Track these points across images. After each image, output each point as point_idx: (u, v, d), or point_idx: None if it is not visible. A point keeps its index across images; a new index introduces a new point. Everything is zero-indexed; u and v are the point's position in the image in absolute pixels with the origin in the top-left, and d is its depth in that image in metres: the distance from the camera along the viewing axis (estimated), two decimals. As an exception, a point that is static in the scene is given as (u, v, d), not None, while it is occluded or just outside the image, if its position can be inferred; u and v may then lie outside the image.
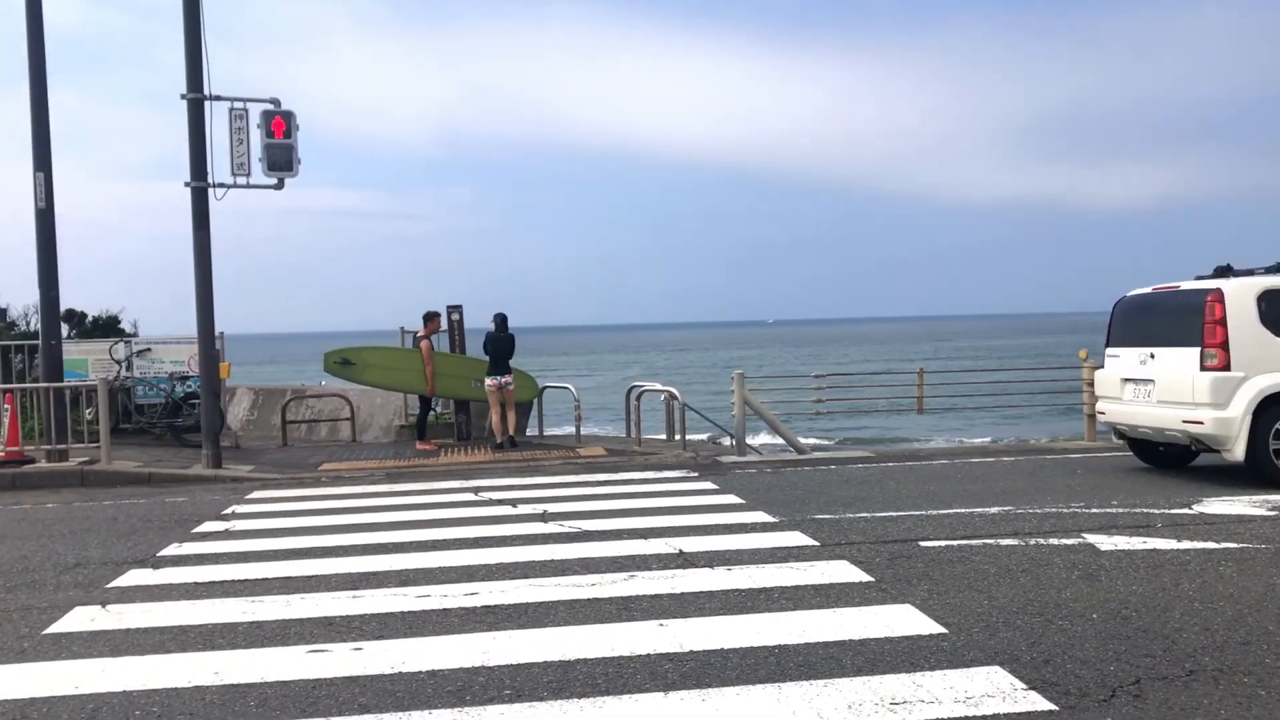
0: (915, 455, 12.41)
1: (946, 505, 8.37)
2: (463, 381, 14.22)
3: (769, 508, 8.42)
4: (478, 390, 14.06)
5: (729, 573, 6.09)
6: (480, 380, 13.84)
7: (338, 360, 14.09)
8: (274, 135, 12.06)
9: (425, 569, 6.41)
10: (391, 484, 10.68)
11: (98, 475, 11.41)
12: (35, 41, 12.07)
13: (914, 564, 6.25)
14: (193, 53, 11.89)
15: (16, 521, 8.84)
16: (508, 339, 13.56)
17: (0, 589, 6.20)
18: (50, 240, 12.21)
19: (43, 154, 12.15)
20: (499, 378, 13.39)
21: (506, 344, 13.53)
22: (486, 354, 13.60)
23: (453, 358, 14.40)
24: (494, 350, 13.47)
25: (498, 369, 13.42)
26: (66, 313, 15.78)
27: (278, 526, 8.22)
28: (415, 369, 13.86)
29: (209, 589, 6.07)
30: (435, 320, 14.14)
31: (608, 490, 9.74)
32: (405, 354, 14.21)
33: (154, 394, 14.76)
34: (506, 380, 13.43)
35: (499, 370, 13.42)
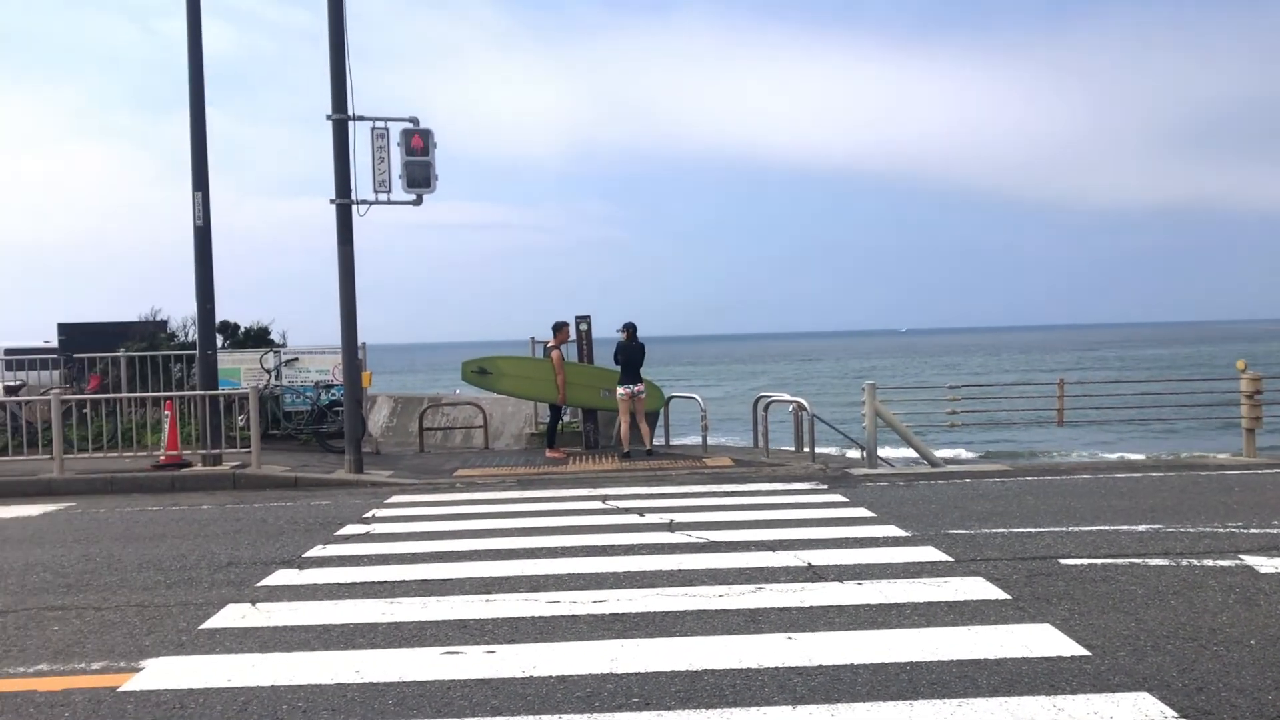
0: (1055, 469, 11.95)
1: (1089, 522, 8.04)
2: (591, 391, 14.41)
3: (901, 522, 8.25)
4: (606, 400, 14.23)
5: (859, 587, 5.99)
6: (609, 390, 14.00)
7: (475, 369, 14.47)
8: (413, 153, 12.47)
9: (555, 575, 6.52)
10: (522, 490, 10.89)
11: (249, 479, 12.00)
12: (195, 70, 12.79)
13: (1054, 582, 6.02)
14: (337, 75, 12.43)
15: (175, 521, 9.37)
16: (638, 348, 13.69)
17: (161, 585, 6.59)
18: (207, 256, 12.90)
19: (200, 174, 12.85)
20: (630, 386, 13.52)
21: (637, 353, 13.66)
22: (617, 363, 13.76)
23: (582, 367, 14.61)
24: (625, 359, 13.62)
25: (629, 378, 13.56)
26: (221, 324, 16.67)
27: (415, 530, 8.48)
28: (547, 378, 14.12)
29: (350, 589, 6.31)
30: (565, 330, 14.37)
31: (735, 501, 9.71)
32: (537, 363, 14.49)
33: (301, 401, 15.44)
34: (638, 389, 13.55)
35: (630, 379, 13.55)
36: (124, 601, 6.13)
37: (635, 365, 13.63)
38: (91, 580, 6.78)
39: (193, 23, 12.68)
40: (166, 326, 17.71)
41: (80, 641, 5.29)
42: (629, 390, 13.51)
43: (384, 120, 12.55)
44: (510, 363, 14.61)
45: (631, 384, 13.53)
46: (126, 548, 7.98)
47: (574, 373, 14.34)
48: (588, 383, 14.42)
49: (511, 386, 14.63)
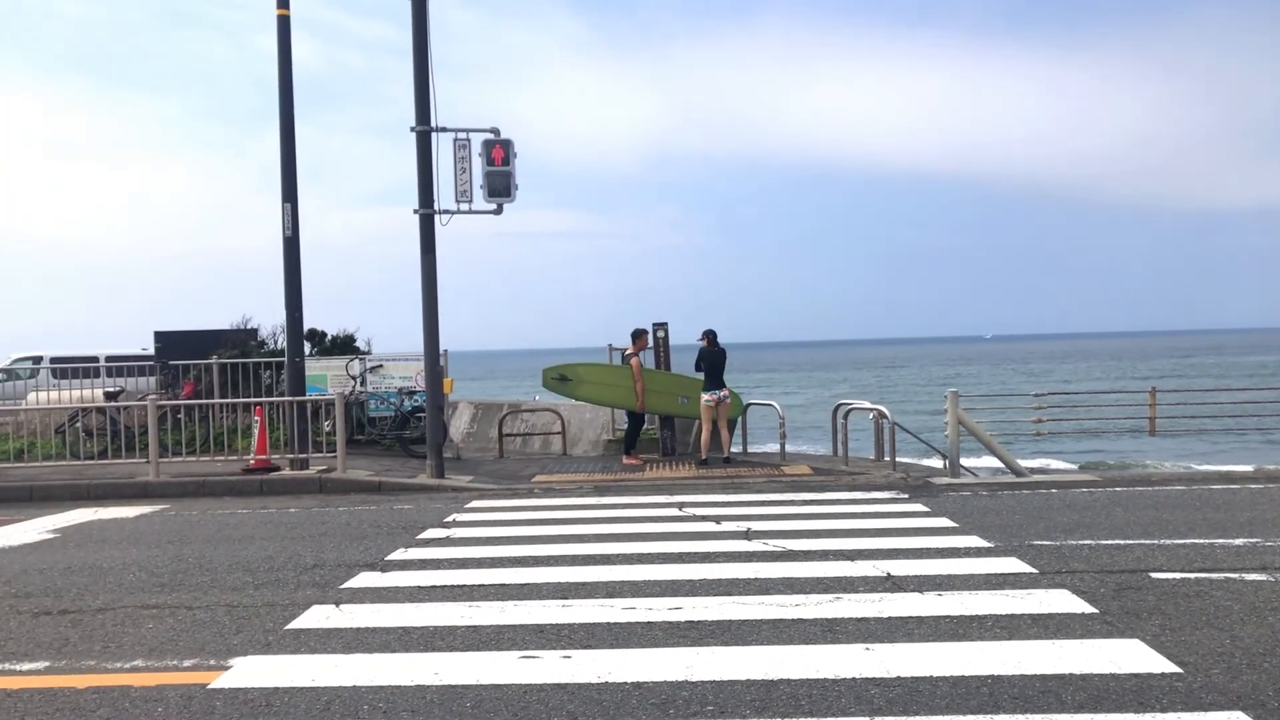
0: (1146, 479, 11.58)
1: (1182, 535, 7.77)
2: (670, 398, 14.42)
3: (983, 532, 8.08)
4: (684, 407, 14.23)
5: (939, 598, 5.89)
6: (687, 397, 14.01)
7: (555, 376, 14.60)
8: (494, 163, 12.65)
9: (631, 581, 6.54)
10: (599, 496, 10.95)
11: (334, 483, 12.28)
12: (285, 86, 13.16)
13: (1144, 596, 5.84)
14: (421, 89, 12.68)
15: (264, 524, 9.64)
16: (720, 354, 13.68)
17: (250, 586, 6.78)
18: (295, 266, 13.25)
19: (289, 187, 13.21)
20: (715, 392, 13.51)
21: (719, 359, 13.66)
22: (699, 370, 13.77)
23: (661, 374, 14.62)
24: (708, 366, 13.62)
25: (713, 384, 13.55)
26: (309, 332, 17.11)
27: (494, 535, 8.59)
28: (626, 385, 14.17)
29: (430, 593, 6.41)
30: (644, 338, 14.41)
31: (813, 510, 9.62)
32: (617, 370, 14.55)
33: (385, 408, 15.76)
34: (723, 395, 13.54)
35: (714, 385, 13.54)
36: (214, 601, 6.33)
37: (718, 371, 13.62)
38: (184, 580, 7.01)
39: (283, 42, 13.05)
40: (257, 334, 18.23)
41: (173, 639, 5.47)
42: (714, 396, 13.50)
43: (466, 131, 12.75)
44: (590, 370, 14.69)
45: (716, 390, 13.52)
46: (217, 549, 8.24)
47: (652, 380, 14.37)
48: (666, 389, 14.44)
49: (591, 393, 14.71)
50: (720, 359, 13.66)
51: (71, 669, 5.00)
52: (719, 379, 13.61)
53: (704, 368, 13.67)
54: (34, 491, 12.09)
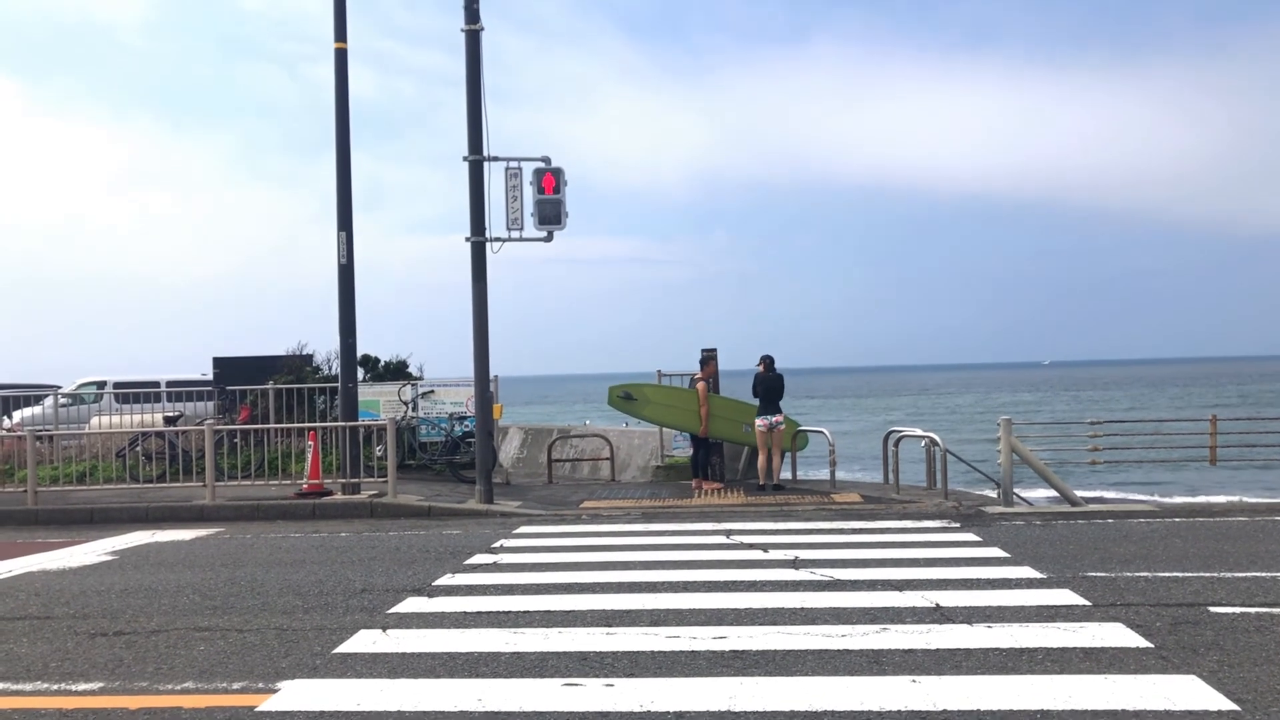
0: (1206, 510, 11.29)
1: (1243, 568, 7.56)
2: (733, 425, 14.37)
3: (1036, 563, 7.94)
4: (748, 435, 14.18)
5: (989, 630, 5.79)
6: (750, 425, 13.96)
7: (620, 394, 14.70)
8: (544, 191, 12.79)
9: (676, 610, 6.51)
10: (647, 523, 10.93)
11: (385, 507, 12.41)
12: (341, 116, 13.43)
13: (1201, 631, 5.69)
14: (473, 119, 12.86)
15: (315, 548, 9.77)
16: (776, 379, 13.66)
17: (300, 609, 6.87)
18: (350, 293, 13.46)
19: (345, 215, 13.44)
20: (768, 418, 13.49)
21: (776, 384, 13.63)
22: (755, 396, 13.75)
23: (726, 400, 14.56)
24: (764, 390, 13.61)
25: (767, 409, 13.53)
26: (362, 358, 17.33)
27: (540, 561, 8.61)
28: (690, 408, 14.23)
29: (476, 618, 6.45)
30: (712, 363, 14.46)
31: (862, 539, 9.51)
32: (683, 393, 14.59)
33: (435, 433, 15.92)
34: (776, 420, 13.50)
35: (768, 411, 13.52)
36: (264, 624, 6.42)
37: (774, 397, 13.59)
38: (236, 603, 7.13)
39: (340, 74, 13.33)
40: (312, 360, 18.50)
41: (223, 661, 5.56)
42: (766, 422, 13.48)
43: (517, 160, 12.91)
44: (656, 390, 14.77)
45: (769, 415, 13.49)
46: (269, 572, 8.36)
47: (718, 405, 14.36)
48: (731, 416, 14.39)
49: (655, 414, 14.77)
50: (776, 384, 13.63)
51: (125, 690, 5.10)
52: (774, 404, 13.57)
53: (759, 393, 13.65)
54: (94, 514, 12.38)
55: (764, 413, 13.53)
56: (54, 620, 6.72)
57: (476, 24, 12.82)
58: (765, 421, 13.48)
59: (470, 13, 12.79)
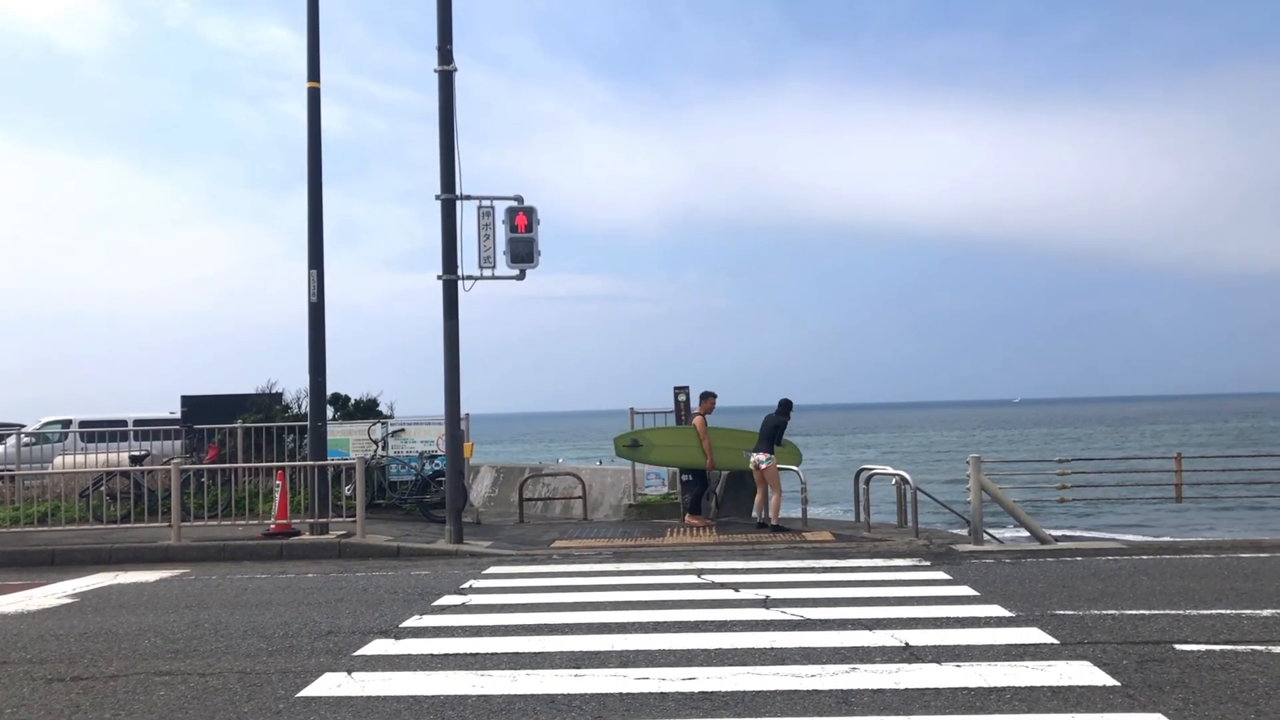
0: (1173, 548, 11.38)
1: (1208, 605, 7.62)
2: (734, 454, 14.42)
3: (1005, 601, 7.96)
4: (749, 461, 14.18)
5: (958, 669, 5.79)
6: (749, 450, 14.04)
7: (626, 443, 14.83)
8: (517, 230, 12.83)
9: (645, 651, 6.47)
10: (618, 563, 10.88)
11: (353, 548, 12.28)
12: (313, 154, 13.42)
13: (1167, 669, 5.71)
14: (446, 158, 12.90)
15: (281, 589, 9.64)
16: (774, 419, 13.74)
17: (264, 652, 6.76)
18: (320, 331, 13.39)
19: (316, 253, 13.40)
20: (754, 454, 13.52)
21: (770, 424, 13.71)
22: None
23: (725, 430, 14.62)
24: (762, 429, 13.72)
25: (757, 447, 13.60)
26: (332, 396, 17.21)
27: (510, 602, 8.53)
28: (695, 445, 14.36)
29: (443, 661, 6.37)
30: (711, 399, 14.59)
31: (833, 577, 9.51)
32: (685, 432, 14.69)
33: (406, 472, 15.79)
34: (758, 459, 13.48)
35: (757, 448, 13.57)
36: (227, 668, 6.31)
37: (766, 435, 13.65)
38: (199, 646, 7.01)
39: (312, 113, 13.34)
40: (281, 398, 18.34)
41: (183, 707, 5.45)
42: (753, 459, 13.53)
43: (490, 199, 12.95)
44: (659, 434, 14.85)
45: (755, 452, 13.53)
46: (233, 614, 8.24)
47: (718, 436, 14.44)
48: (732, 445, 14.46)
49: (663, 457, 14.87)
50: (771, 424, 13.68)
51: (81, 736, 4.99)
52: (765, 443, 13.57)
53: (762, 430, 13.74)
54: (56, 555, 12.16)
55: (754, 449, 13.62)
56: (10, 665, 6.57)
57: (449, 65, 12.90)
58: (752, 459, 13.54)
59: (443, 54, 12.88)
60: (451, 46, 12.93)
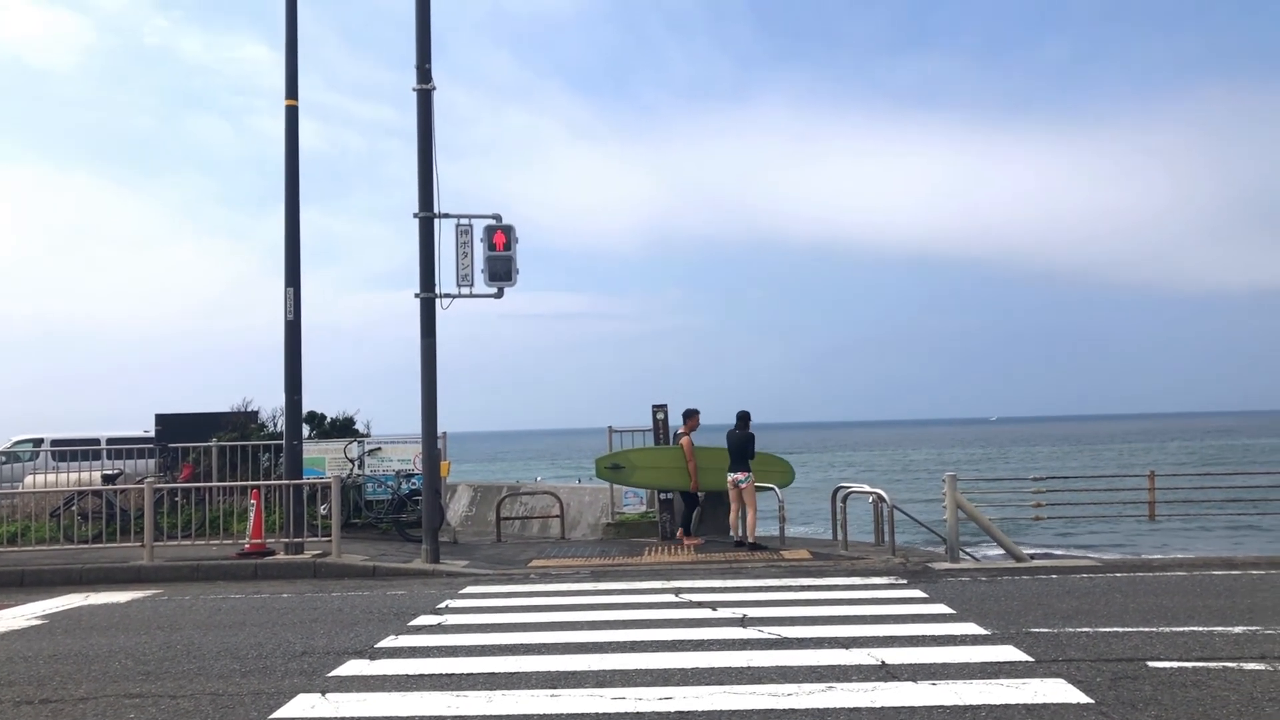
0: (1147, 565, 11.47)
1: (1181, 622, 7.68)
2: (719, 474, 14.30)
3: (981, 619, 7.99)
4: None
5: (933, 687, 5.81)
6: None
7: (608, 465, 14.70)
8: (495, 248, 12.82)
9: (622, 670, 6.45)
10: (596, 582, 10.85)
11: (329, 567, 12.18)
12: (291, 172, 13.41)
13: (1140, 686, 5.75)
14: (424, 176, 12.90)
15: (256, 609, 9.55)
16: (744, 436, 13.58)
17: (237, 673, 6.70)
18: (296, 349, 13.34)
19: (293, 271, 13.37)
20: (731, 474, 13.49)
21: (738, 441, 13.56)
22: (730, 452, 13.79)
23: (712, 451, 14.52)
24: (732, 448, 13.64)
25: (733, 466, 13.53)
26: (308, 415, 17.12)
27: (486, 622, 8.49)
28: (679, 466, 14.27)
29: (418, 681, 6.33)
30: (695, 417, 14.53)
31: (811, 596, 9.52)
32: (668, 453, 14.59)
33: (382, 491, 15.71)
34: (738, 478, 13.45)
35: (734, 468, 13.52)
36: (199, 690, 6.25)
37: (740, 454, 13.53)
38: (170, 667, 6.93)
39: (290, 131, 13.35)
40: (257, 417, 18.22)
41: (154, 729, 5.39)
42: (732, 479, 13.48)
43: (468, 217, 12.94)
44: (642, 455, 14.75)
45: (734, 472, 13.48)
46: (206, 635, 8.15)
47: (704, 457, 14.36)
48: (719, 466, 14.31)
49: (646, 479, 14.74)
50: (742, 442, 13.56)
51: (49, 760, 4.92)
52: (741, 462, 13.50)
53: (729, 449, 13.66)
54: (25, 576, 12.00)
55: (730, 469, 13.54)
56: (-22, 688, 6.48)
57: (428, 84, 12.92)
58: (730, 478, 13.48)
59: (422, 73, 12.90)
60: (430, 65, 12.96)
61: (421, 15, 12.94)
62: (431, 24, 13.01)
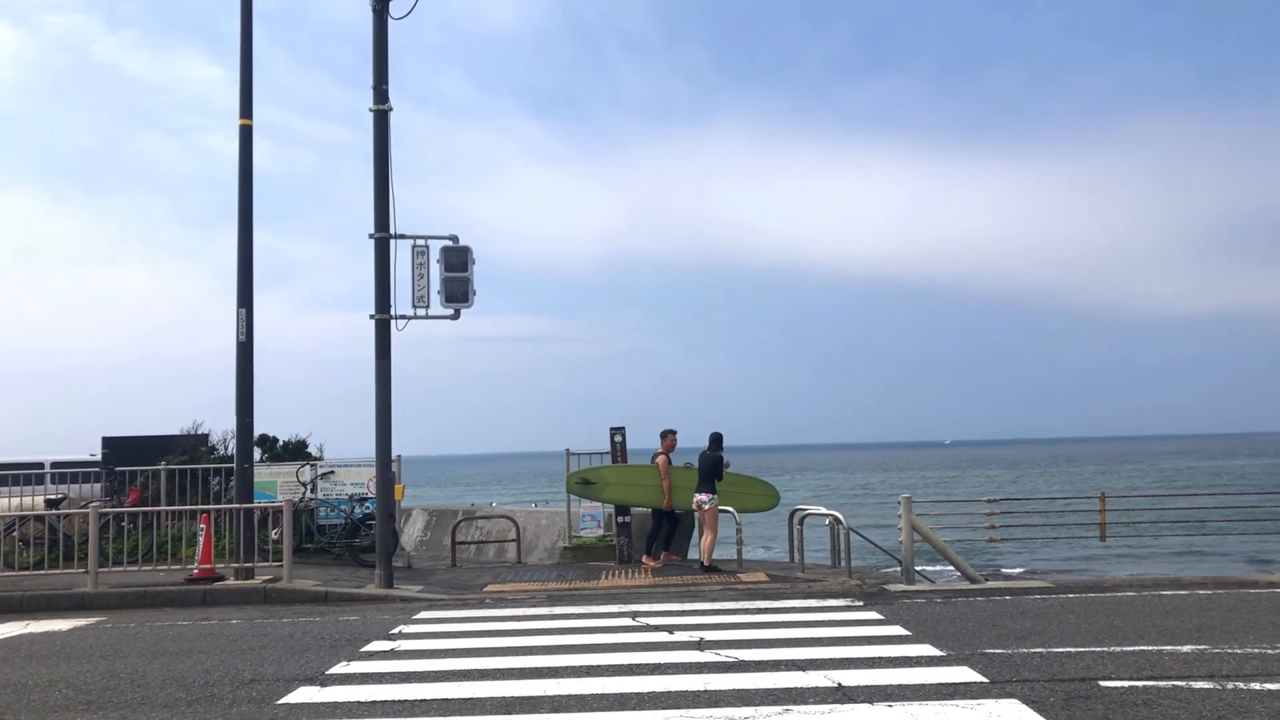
0: (1098, 586, 11.60)
1: (1132, 641, 7.76)
2: (691, 494, 14.26)
3: (937, 640, 8.02)
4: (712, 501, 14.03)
5: (889, 709, 5.81)
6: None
7: (578, 480, 14.66)
8: (452, 269, 12.73)
9: (578, 695, 6.39)
10: (552, 606, 10.76)
11: (280, 593, 11.97)
12: (245, 192, 13.24)
13: (1093, 706, 5.80)
14: (380, 196, 12.80)
15: (203, 636, 9.34)
16: (713, 458, 13.57)
17: (182, 702, 6.54)
18: (248, 371, 13.13)
19: (245, 292, 13.18)
20: (696, 495, 13.45)
21: (706, 462, 13.57)
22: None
23: (687, 471, 14.46)
24: (700, 468, 13.63)
25: (699, 487, 13.50)
26: (260, 438, 16.85)
27: (441, 647, 8.38)
28: (651, 484, 14.26)
29: (370, 708, 6.22)
30: (671, 437, 14.51)
31: (768, 619, 9.51)
32: (642, 470, 14.54)
33: (335, 515, 15.48)
34: (701, 499, 13.41)
35: (700, 488, 13.48)
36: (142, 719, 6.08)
37: (707, 476, 13.53)
38: (113, 697, 6.75)
39: (244, 151, 13.17)
40: (207, 440, 17.91)
41: (95, 760, 5.24)
42: (695, 500, 13.46)
43: (424, 238, 12.86)
44: (614, 471, 14.69)
45: (697, 493, 13.45)
46: (152, 663, 7.96)
47: (679, 477, 14.32)
48: (689, 486, 14.24)
49: (616, 495, 14.68)
50: (710, 463, 13.56)
51: (-16, 794, 4.76)
52: (707, 483, 13.47)
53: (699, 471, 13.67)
54: (-35, 604, 11.64)
55: (696, 490, 13.53)
56: (-90, 720, 6.26)
57: (385, 104, 12.86)
58: (695, 499, 13.46)
59: (379, 94, 12.84)
60: (387, 86, 12.89)
61: (379, 36, 12.89)
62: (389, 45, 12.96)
